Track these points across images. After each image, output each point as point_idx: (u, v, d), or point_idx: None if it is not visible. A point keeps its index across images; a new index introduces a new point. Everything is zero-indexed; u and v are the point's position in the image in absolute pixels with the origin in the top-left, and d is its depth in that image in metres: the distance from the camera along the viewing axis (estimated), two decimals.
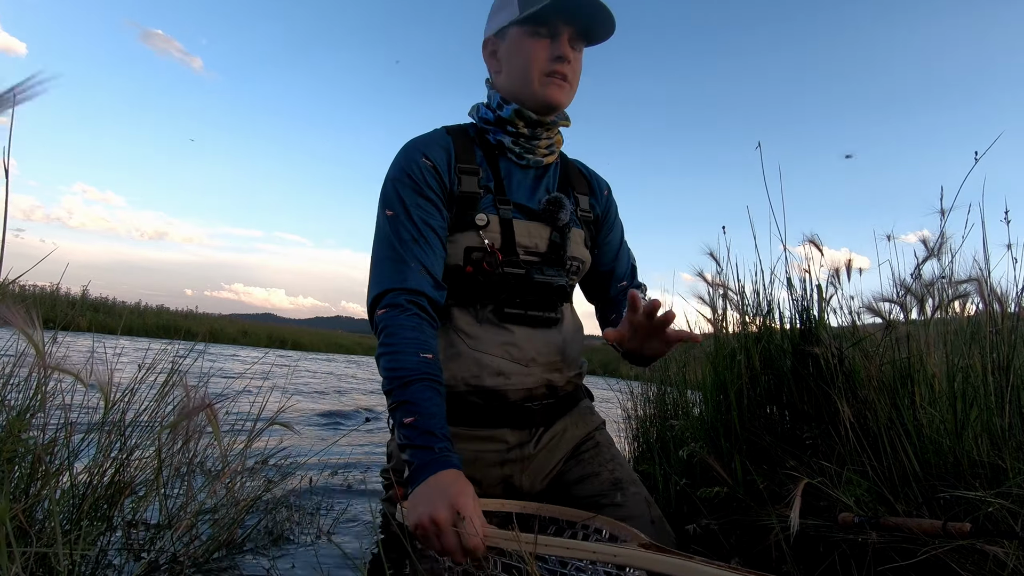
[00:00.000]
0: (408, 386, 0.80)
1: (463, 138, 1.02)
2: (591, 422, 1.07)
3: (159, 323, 11.72)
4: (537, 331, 0.98)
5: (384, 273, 0.91)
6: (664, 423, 1.63)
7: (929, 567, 0.76)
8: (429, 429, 0.77)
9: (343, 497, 1.55)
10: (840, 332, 1.24)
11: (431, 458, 0.75)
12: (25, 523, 0.73)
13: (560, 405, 1.03)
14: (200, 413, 0.73)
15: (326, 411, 3.40)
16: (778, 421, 1.24)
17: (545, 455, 1.00)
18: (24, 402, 0.83)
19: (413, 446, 0.77)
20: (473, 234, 0.95)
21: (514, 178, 1.02)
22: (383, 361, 0.85)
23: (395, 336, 0.85)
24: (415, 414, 0.78)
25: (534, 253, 0.99)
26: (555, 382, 1.00)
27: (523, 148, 1.02)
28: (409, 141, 1.01)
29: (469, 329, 0.96)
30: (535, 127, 1.00)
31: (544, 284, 0.97)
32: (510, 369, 0.95)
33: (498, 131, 1.02)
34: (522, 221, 0.99)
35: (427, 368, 0.83)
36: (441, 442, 0.77)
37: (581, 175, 1.13)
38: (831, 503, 0.90)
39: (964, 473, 0.86)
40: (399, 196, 0.94)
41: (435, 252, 0.93)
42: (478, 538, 0.68)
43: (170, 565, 0.94)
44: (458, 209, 0.96)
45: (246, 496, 1.17)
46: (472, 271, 0.95)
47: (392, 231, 0.92)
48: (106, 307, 11.58)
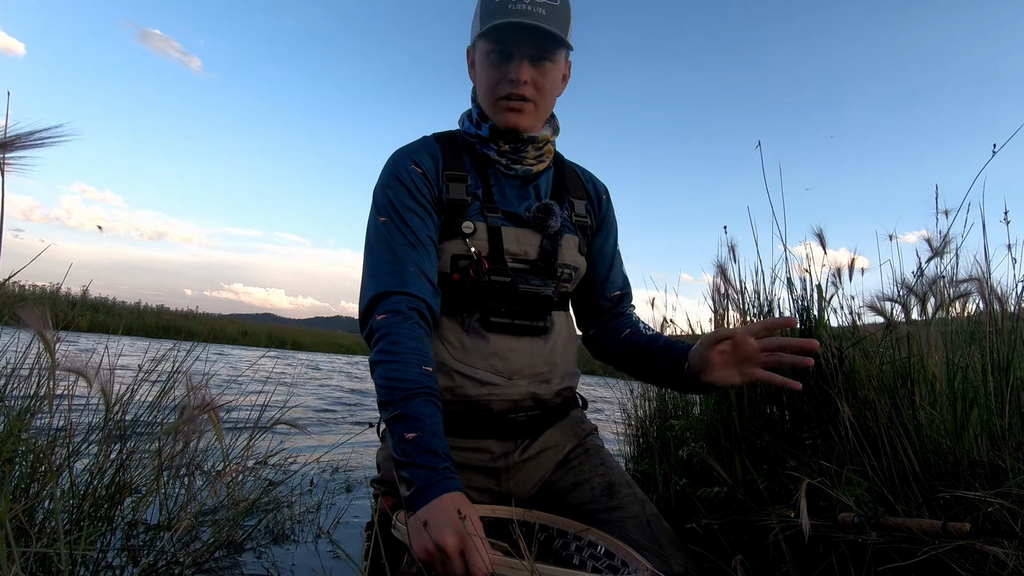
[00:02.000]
0: (409, 400, 0.78)
1: (451, 145, 1.01)
2: (581, 431, 1.06)
3: (159, 323, 11.72)
4: (523, 340, 0.97)
5: (382, 276, 0.89)
6: (664, 423, 1.63)
7: (929, 567, 0.76)
8: (432, 448, 0.75)
9: (343, 497, 1.55)
10: (840, 332, 1.25)
11: (435, 480, 0.73)
12: (25, 523, 0.73)
13: (547, 417, 1.01)
14: (202, 414, 0.73)
15: (326, 412, 3.40)
16: (778, 421, 1.24)
17: (533, 463, 0.99)
18: (25, 402, 0.83)
19: (414, 464, 0.74)
20: (460, 242, 0.94)
21: (504, 185, 1.01)
22: (382, 369, 0.82)
23: (397, 345, 0.82)
24: (417, 430, 0.76)
25: (523, 261, 0.98)
26: (542, 395, 0.98)
27: (510, 160, 1.00)
28: (398, 149, 1.00)
29: (455, 339, 0.94)
30: (516, 143, 0.99)
31: (530, 294, 0.95)
32: (494, 381, 0.94)
33: (482, 145, 1.01)
34: (511, 228, 0.97)
35: (429, 382, 0.81)
36: (444, 462, 0.75)
37: (577, 179, 1.11)
38: (831, 503, 0.90)
39: (964, 473, 0.86)
40: (391, 203, 0.93)
41: (431, 259, 0.92)
42: (485, 567, 0.66)
43: (170, 565, 0.94)
44: (446, 217, 0.95)
45: (247, 496, 1.18)
46: (459, 279, 0.94)
47: (387, 236, 0.91)
48: (106, 307, 11.58)
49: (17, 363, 0.88)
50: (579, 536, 0.84)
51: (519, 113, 0.95)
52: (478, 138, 1.00)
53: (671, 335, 2.04)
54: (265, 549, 1.13)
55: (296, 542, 1.19)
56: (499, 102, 0.95)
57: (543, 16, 0.89)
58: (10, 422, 0.78)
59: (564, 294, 1.05)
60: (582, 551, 0.83)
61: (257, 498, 1.18)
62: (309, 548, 1.17)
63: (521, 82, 0.92)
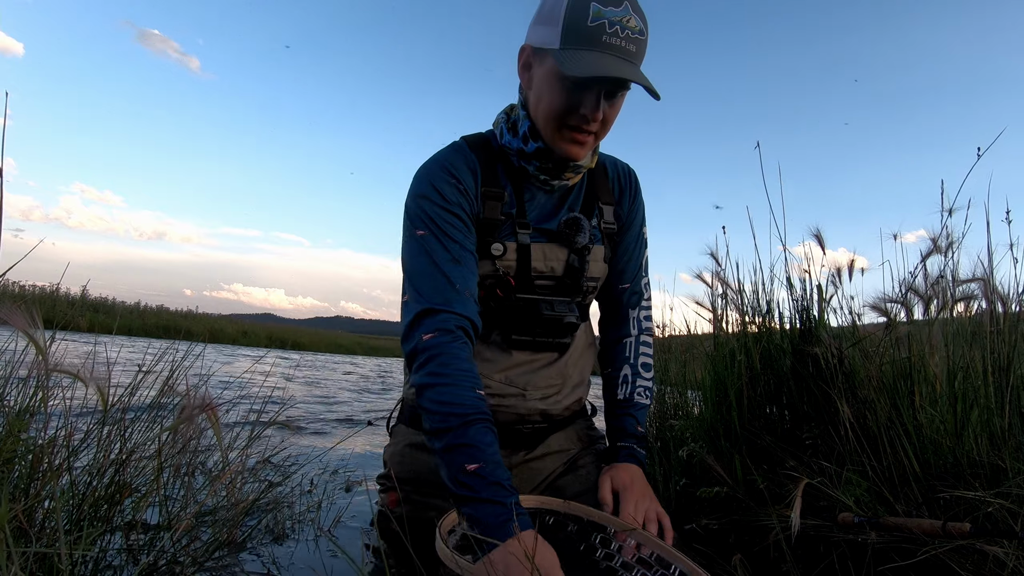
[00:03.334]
0: (468, 427, 0.74)
1: (487, 155, 0.96)
2: (587, 437, 1.07)
3: (159, 323, 11.71)
4: (541, 355, 0.97)
5: (425, 291, 0.84)
6: (664, 423, 1.63)
7: (929, 567, 0.76)
8: (497, 480, 0.71)
9: (343, 497, 1.55)
10: (840, 332, 1.24)
11: (506, 517, 0.68)
12: (25, 523, 0.73)
13: (552, 428, 1.02)
14: (201, 414, 0.73)
15: (327, 411, 3.40)
16: (778, 421, 1.24)
17: (537, 463, 1.00)
18: (24, 401, 0.83)
19: (479, 500, 0.69)
20: (488, 263, 0.93)
21: (537, 199, 0.98)
22: (433, 393, 0.77)
23: (449, 367, 0.78)
24: (480, 461, 0.71)
25: (549, 277, 0.96)
26: (550, 411, 0.98)
27: (549, 175, 0.96)
28: (432, 158, 0.95)
29: (475, 350, 0.93)
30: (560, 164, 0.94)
31: (553, 320, 0.94)
32: (506, 392, 0.94)
33: (521, 159, 0.95)
34: (539, 244, 0.95)
35: (484, 407, 0.77)
36: (511, 495, 0.71)
37: (605, 180, 1.05)
38: (831, 503, 0.90)
39: (964, 473, 0.86)
40: (428, 215, 0.88)
41: (472, 275, 0.89)
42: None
43: (170, 565, 0.93)
44: (479, 234, 0.93)
45: (246, 497, 1.17)
46: (484, 296, 0.93)
47: (428, 250, 0.86)
48: (106, 307, 11.57)
49: (15, 363, 0.88)
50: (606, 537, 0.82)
51: (581, 146, 0.89)
52: (520, 153, 0.94)
53: (671, 335, 2.04)
54: (265, 548, 1.13)
55: (296, 541, 1.19)
56: (563, 131, 0.88)
57: (633, 53, 0.82)
58: (9, 422, 0.78)
59: (586, 306, 1.04)
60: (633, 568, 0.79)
61: (257, 498, 1.18)
62: (309, 547, 1.17)
63: (593, 119, 0.86)
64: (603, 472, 0.93)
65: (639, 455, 0.96)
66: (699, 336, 1.80)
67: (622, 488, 0.88)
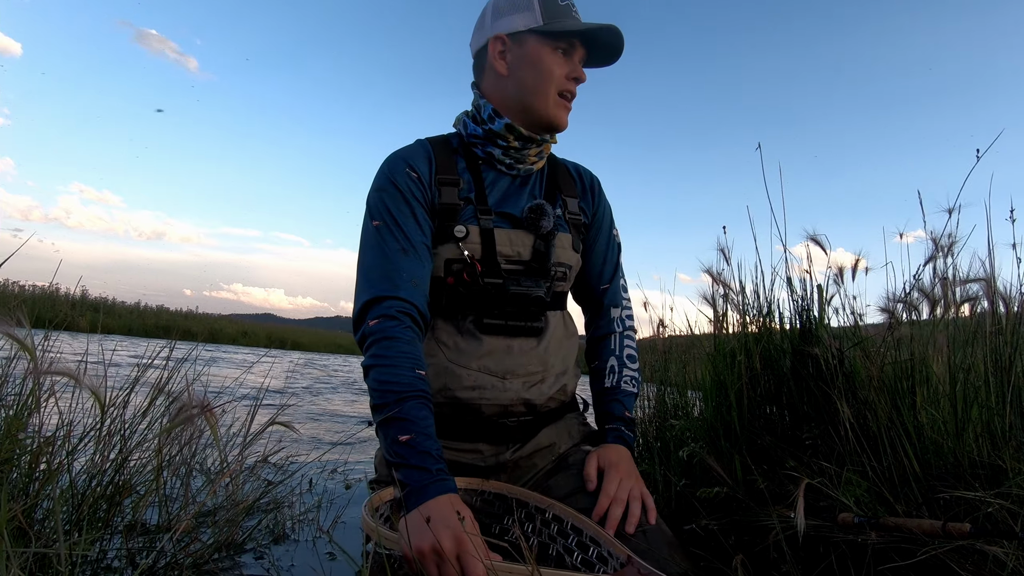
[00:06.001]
0: (403, 402, 0.79)
1: (444, 149, 1.01)
2: (578, 433, 1.06)
3: (159, 323, 11.72)
4: (517, 341, 0.97)
5: (374, 280, 0.89)
6: (663, 423, 1.63)
7: (929, 567, 0.75)
8: (426, 449, 0.76)
9: (343, 497, 1.55)
10: (840, 332, 1.24)
11: (429, 480, 0.74)
12: (24, 523, 0.73)
13: (540, 421, 1.02)
14: (199, 415, 0.73)
15: (327, 411, 3.40)
16: (778, 421, 1.24)
17: (525, 461, 0.99)
18: (21, 402, 0.83)
19: (408, 466, 0.75)
20: (453, 246, 0.94)
21: (498, 186, 1.01)
22: (376, 373, 0.83)
23: (390, 349, 0.83)
24: (411, 432, 0.77)
25: (517, 262, 0.98)
26: (534, 400, 0.97)
27: (513, 159, 1.01)
28: (392, 153, 1.00)
29: (449, 340, 0.95)
30: (526, 141, 1.00)
31: (521, 295, 0.96)
32: (485, 382, 0.94)
33: (487, 144, 1.01)
34: (504, 230, 0.97)
35: (422, 385, 0.82)
36: (437, 463, 0.76)
37: (569, 175, 1.11)
38: (831, 503, 0.90)
39: (964, 473, 0.86)
40: (385, 207, 0.93)
41: (423, 265, 0.92)
42: (482, 569, 0.66)
43: (168, 567, 0.93)
44: (439, 221, 0.95)
45: (246, 497, 1.17)
46: (453, 282, 0.95)
47: (380, 241, 0.91)
48: (105, 307, 11.58)
49: (12, 363, 0.88)
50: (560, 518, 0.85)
51: (568, 111, 0.99)
52: (486, 136, 1.00)
53: (671, 335, 2.04)
54: (265, 549, 1.13)
55: (296, 542, 1.19)
56: (559, 97, 0.97)
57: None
58: (7, 422, 0.78)
59: (559, 293, 1.05)
60: (567, 536, 0.84)
61: (257, 498, 1.18)
62: (309, 548, 1.17)
63: (582, 80, 0.97)
64: (590, 452, 0.95)
65: (627, 436, 1.00)
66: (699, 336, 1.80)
67: (608, 466, 0.91)
